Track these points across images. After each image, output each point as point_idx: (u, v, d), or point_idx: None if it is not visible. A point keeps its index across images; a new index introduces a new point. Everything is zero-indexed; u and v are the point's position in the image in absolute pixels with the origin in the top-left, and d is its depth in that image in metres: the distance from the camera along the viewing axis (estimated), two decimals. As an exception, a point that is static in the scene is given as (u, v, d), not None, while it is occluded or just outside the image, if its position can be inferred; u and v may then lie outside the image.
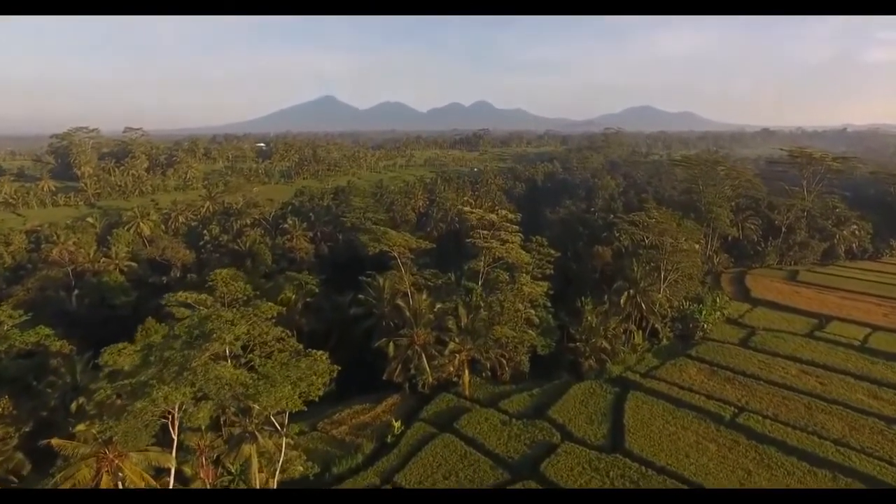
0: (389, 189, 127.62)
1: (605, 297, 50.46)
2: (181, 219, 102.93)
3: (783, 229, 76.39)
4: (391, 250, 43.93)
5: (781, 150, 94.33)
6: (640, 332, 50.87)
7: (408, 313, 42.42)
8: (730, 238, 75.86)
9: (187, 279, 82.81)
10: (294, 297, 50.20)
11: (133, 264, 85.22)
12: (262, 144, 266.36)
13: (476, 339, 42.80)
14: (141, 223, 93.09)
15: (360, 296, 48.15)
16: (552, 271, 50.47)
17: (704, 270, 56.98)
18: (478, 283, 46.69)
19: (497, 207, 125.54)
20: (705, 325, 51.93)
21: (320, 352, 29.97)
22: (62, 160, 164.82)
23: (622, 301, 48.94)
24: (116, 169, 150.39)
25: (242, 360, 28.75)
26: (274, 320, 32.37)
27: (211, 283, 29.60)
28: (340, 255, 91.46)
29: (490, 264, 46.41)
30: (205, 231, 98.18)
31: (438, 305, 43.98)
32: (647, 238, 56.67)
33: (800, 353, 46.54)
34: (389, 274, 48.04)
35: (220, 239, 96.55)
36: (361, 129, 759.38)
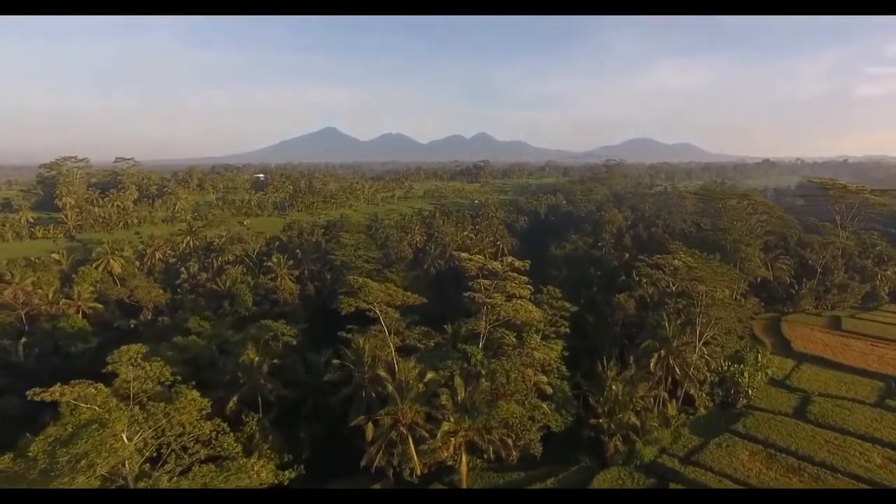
0: (384, 223, 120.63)
1: (631, 358, 42.13)
2: (158, 255, 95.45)
3: (818, 270, 68.43)
4: (371, 307, 35.92)
5: (811, 181, 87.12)
6: (674, 400, 42.29)
7: (391, 387, 34.07)
8: (758, 279, 67.83)
9: (159, 322, 75.08)
10: (257, 358, 41.89)
11: (98, 306, 77.43)
12: (261, 175, 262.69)
13: (476, 418, 34.31)
14: (111, 260, 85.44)
15: (335, 360, 39.84)
16: (567, 329, 42.29)
17: (744, 326, 48.55)
18: (478, 346, 38.48)
19: (499, 242, 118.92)
20: (749, 391, 43.40)
21: (261, 462, 21.69)
22: (49, 191, 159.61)
23: (652, 364, 40.62)
24: (101, 200, 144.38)
25: (146, 480, 20.53)
26: (206, 415, 24.16)
27: (111, 366, 21.91)
28: (328, 297, 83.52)
29: (493, 323, 38.38)
30: (182, 269, 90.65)
31: (430, 375, 35.68)
32: (675, 285, 48.74)
33: (877, 432, 37.71)
34: (371, 332, 39.92)
35: (199, 277, 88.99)
36: (363, 159, 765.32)
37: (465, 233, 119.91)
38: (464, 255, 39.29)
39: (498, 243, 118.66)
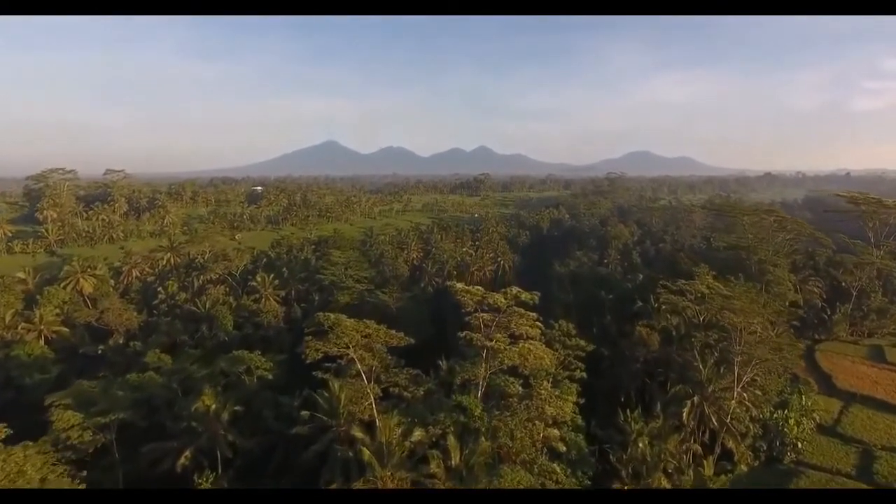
0: (379, 239, 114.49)
1: (658, 405, 35.57)
2: (135, 273, 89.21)
3: (853, 293, 62.03)
4: (344, 352, 29.46)
5: (838, 195, 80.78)
6: (710, 457, 35.59)
7: (368, 453, 27.46)
8: (787, 303, 61.34)
9: (129, 347, 68.74)
10: (215, 405, 35.38)
11: (64, 330, 71.18)
12: (258, 188, 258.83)
13: (474, 487, 27.64)
14: (81, 279, 79.12)
15: (304, 412, 33.27)
16: (584, 374, 35.74)
17: (790, 367, 41.25)
18: (476, 395, 31.96)
19: (500, 258, 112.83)
20: (798, 442, 36.73)
21: None
22: (35, 203, 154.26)
23: (684, 414, 34.08)
24: (85, 213, 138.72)
25: None
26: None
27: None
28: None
29: (495, 368, 31.89)
30: (160, 288, 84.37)
31: (417, 433, 29.14)
32: (703, 315, 42.41)
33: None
34: (349, 374, 33.37)
35: (177, 298, 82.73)
36: (363, 173, 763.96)
37: (465, 249, 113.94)
38: (459, 285, 32.87)
39: (499, 260, 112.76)
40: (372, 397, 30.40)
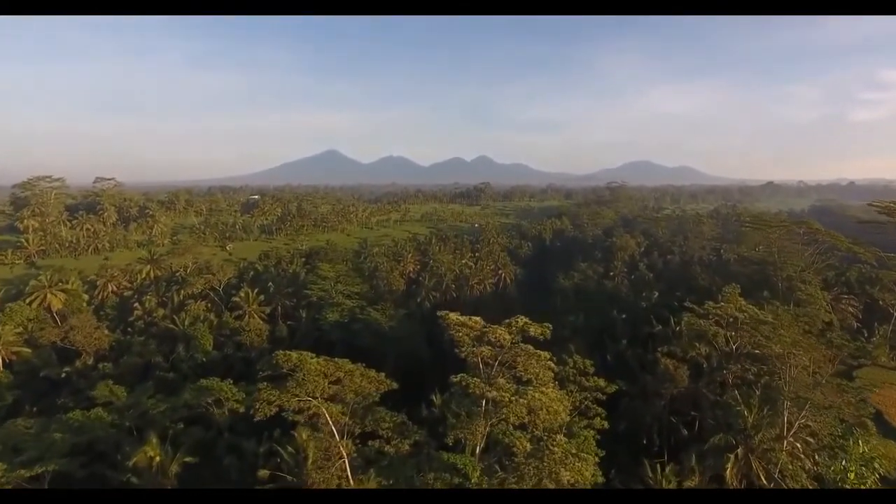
0: (374, 251, 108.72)
1: (693, 457, 29.49)
2: (111, 287, 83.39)
3: (893, 312, 56.14)
4: (307, 405, 23.35)
5: (871, 204, 74.94)
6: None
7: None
8: (818, 324, 55.45)
9: (99, 369, 63.01)
10: (159, 457, 29.33)
11: (25, 350, 65.44)
12: (256, 196, 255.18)
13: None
14: (49, 294, 73.32)
15: (262, 472, 27.24)
16: (605, 422, 29.61)
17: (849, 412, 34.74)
18: (474, 454, 25.86)
19: (501, 271, 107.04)
20: (861, 502, 30.56)
21: None
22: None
23: (728, 470, 27.99)
24: (69, 222, 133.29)
25: None
26: None
27: None
28: (303, 339, 71.01)
29: (498, 421, 25.81)
30: (137, 304, 78.60)
31: (400, 503, 23.24)
32: (735, 342, 36.53)
33: None
34: (318, 426, 27.35)
35: (155, 314, 76.95)
36: (363, 182, 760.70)
37: (464, 261, 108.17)
38: (453, 317, 26.82)
39: (500, 272, 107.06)
40: (345, 456, 24.40)
